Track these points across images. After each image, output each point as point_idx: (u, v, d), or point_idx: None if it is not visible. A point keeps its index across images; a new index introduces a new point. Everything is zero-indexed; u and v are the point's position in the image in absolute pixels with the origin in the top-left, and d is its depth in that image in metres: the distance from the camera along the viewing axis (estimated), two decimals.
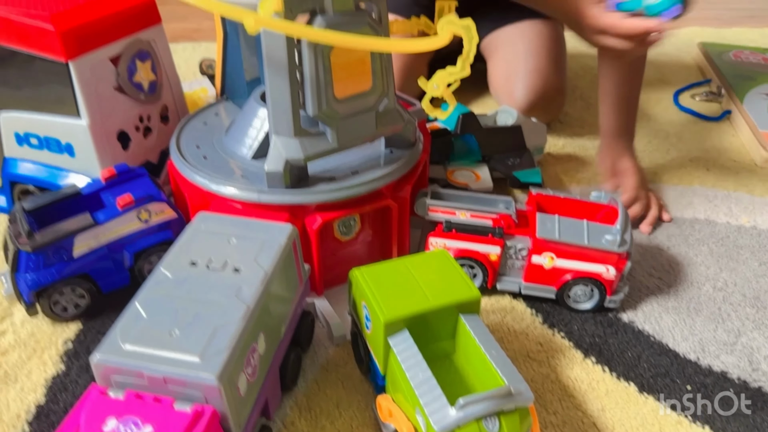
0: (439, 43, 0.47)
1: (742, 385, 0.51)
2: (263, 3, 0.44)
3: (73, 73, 0.57)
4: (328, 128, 0.52)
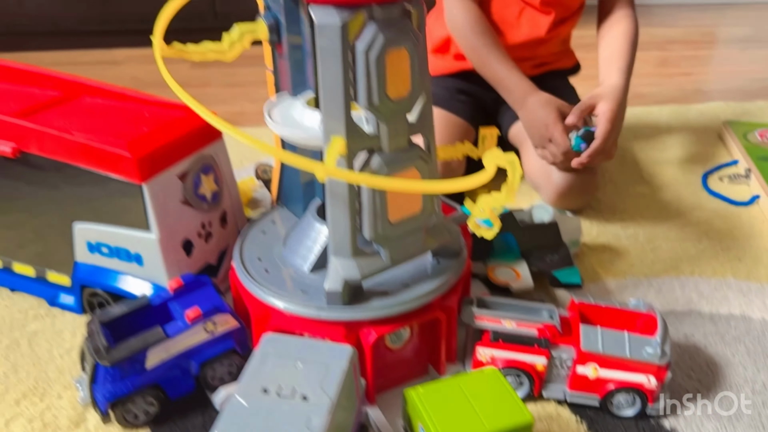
0: (485, 179, 0.52)
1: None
2: (329, 150, 0.49)
3: (146, 193, 0.62)
4: (382, 248, 0.56)
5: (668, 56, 1.80)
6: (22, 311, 0.74)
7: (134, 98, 0.75)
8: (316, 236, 0.62)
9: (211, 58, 0.58)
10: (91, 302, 0.71)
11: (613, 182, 1.04)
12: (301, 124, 0.56)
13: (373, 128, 0.52)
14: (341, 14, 0.46)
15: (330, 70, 0.48)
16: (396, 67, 0.49)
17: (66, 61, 1.72)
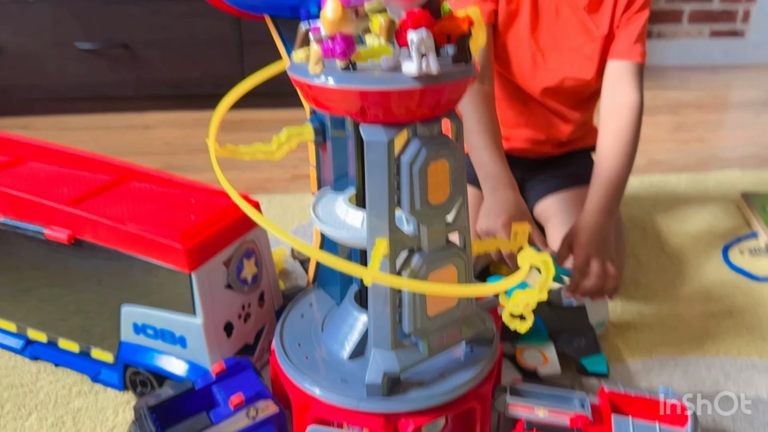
0: (519, 280, 0.54)
1: None
2: (374, 254, 0.52)
3: (194, 281, 0.65)
4: (421, 341, 0.59)
5: (682, 121, 1.85)
6: (66, 387, 0.76)
7: (180, 184, 0.79)
8: (354, 323, 0.65)
9: (260, 157, 0.62)
10: (133, 380, 0.74)
11: (635, 256, 1.07)
12: (345, 224, 0.60)
13: (414, 229, 0.56)
14: (388, 132, 0.51)
15: (377, 181, 0.52)
16: (437, 177, 0.53)
17: (101, 125, 1.80)
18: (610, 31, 0.92)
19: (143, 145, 1.65)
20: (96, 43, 1.79)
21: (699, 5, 2.50)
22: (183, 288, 0.66)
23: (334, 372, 0.62)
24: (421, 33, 0.46)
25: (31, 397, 0.75)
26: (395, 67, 0.50)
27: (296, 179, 1.42)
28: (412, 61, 0.47)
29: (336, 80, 0.48)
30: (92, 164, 0.85)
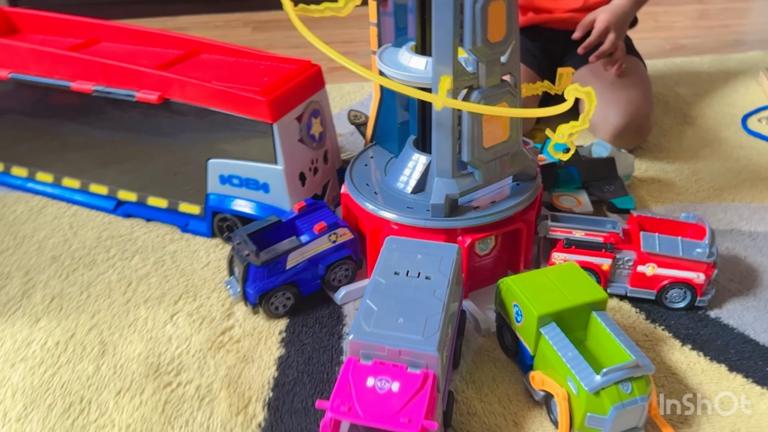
0: (566, 107, 0.63)
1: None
2: (441, 86, 0.61)
3: (275, 131, 0.75)
4: (476, 170, 0.68)
5: (707, 9, 1.86)
6: (159, 236, 0.88)
7: (247, 53, 0.88)
8: (415, 165, 0.75)
9: (328, 14, 0.69)
10: (220, 226, 0.85)
11: (659, 125, 1.14)
12: (410, 68, 0.68)
13: (473, 68, 0.64)
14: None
15: (442, 21, 0.60)
16: (495, 16, 0.61)
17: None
18: None
19: None
20: None
21: None
22: (266, 139, 0.76)
23: (400, 203, 0.72)
24: None
25: (130, 244, 0.87)
26: None
27: (332, 71, 1.48)
28: None
29: None
30: (162, 40, 0.94)
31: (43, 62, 0.86)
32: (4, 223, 0.92)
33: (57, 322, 0.73)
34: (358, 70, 0.62)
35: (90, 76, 0.83)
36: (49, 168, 0.96)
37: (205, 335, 0.71)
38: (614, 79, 1.01)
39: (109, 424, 0.61)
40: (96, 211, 0.94)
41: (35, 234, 0.89)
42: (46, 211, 0.95)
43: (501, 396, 0.62)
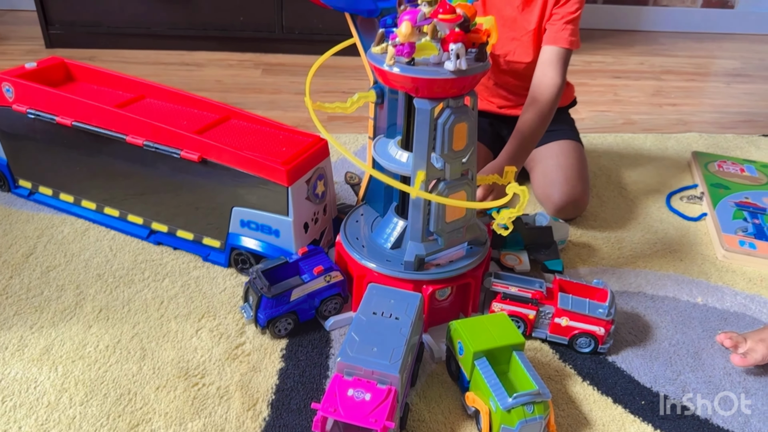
0: (505, 201, 0.86)
1: (673, 405, 0.87)
2: (417, 179, 0.83)
3: (290, 192, 0.97)
4: (440, 237, 0.91)
5: (662, 86, 2.13)
6: (185, 263, 1.09)
7: (269, 124, 1.10)
8: (395, 227, 0.97)
9: (338, 111, 0.91)
10: (236, 259, 1.07)
11: (599, 196, 1.38)
12: (396, 159, 0.91)
13: (441, 166, 0.86)
14: (431, 103, 0.81)
15: (421, 133, 0.82)
16: (459, 134, 0.83)
17: (157, 60, 2.07)
18: (540, 25, 1.19)
19: (198, 82, 1.92)
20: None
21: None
22: (281, 197, 0.97)
23: (381, 255, 0.94)
24: (458, 45, 0.75)
25: (161, 268, 1.08)
26: (439, 62, 0.79)
27: (331, 120, 1.71)
28: (450, 62, 0.76)
29: (401, 70, 0.78)
30: (198, 103, 1.15)
31: (104, 116, 1.07)
32: (54, 242, 1.12)
33: (105, 330, 0.94)
34: (352, 159, 0.84)
35: (141, 132, 1.04)
36: (93, 197, 1.17)
37: (223, 348, 0.92)
38: (556, 164, 1.25)
39: (151, 412, 0.81)
40: (131, 237, 1.15)
41: (82, 253, 1.10)
42: (89, 234, 1.15)
43: (444, 409, 0.84)
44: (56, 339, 0.91)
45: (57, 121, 1.10)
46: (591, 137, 1.64)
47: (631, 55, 2.42)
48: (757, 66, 2.40)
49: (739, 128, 1.81)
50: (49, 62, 1.22)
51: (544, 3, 1.17)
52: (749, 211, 1.30)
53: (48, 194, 1.21)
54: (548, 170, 1.26)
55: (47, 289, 1.01)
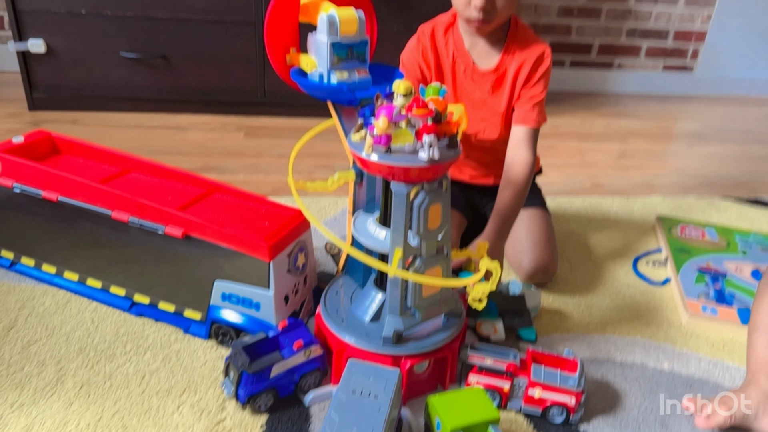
0: (478, 278, 0.90)
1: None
2: (394, 257, 0.87)
3: (271, 267, 1.00)
4: (417, 311, 0.94)
5: (627, 149, 2.23)
6: (166, 335, 1.11)
7: (252, 197, 1.14)
8: (373, 299, 1.00)
9: (319, 190, 0.96)
10: (216, 332, 1.08)
11: (569, 260, 1.44)
12: (373, 236, 0.95)
13: (417, 243, 0.91)
14: (407, 187, 0.86)
15: (398, 215, 0.87)
16: (434, 214, 0.88)
17: (140, 124, 2.11)
18: (509, 106, 1.28)
19: (180, 145, 1.96)
20: (138, 53, 2.09)
21: (655, 42, 2.89)
22: (262, 271, 1.01)
23: (360, 329, 0.97)
24: (431, 136, 0.81)
25: (143, 340, 1.09)
26: (413, 151, 0.84)
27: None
28: (424, 151, 0.82)
29: (379, 158, 0.83)
30: (183, 178, 1.19)
31: (89, 192, 1.09)
32: (35, 314, 1.13)
33: (86, 407, 0.94)
34: (331, 237, 0.88)
35: (126, 208, 1.07)
36: (76, 267, 1.18)
37: (204, 424, 0.93)
38: (525, 232, 1.30)
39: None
40: (113, 308, 1.16)
41: (63, 326, 1.11)
42: (71, 305, 1.16)
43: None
44: (37, 417, 0.91)
45: (43, 196, 1.12)
46: (560, 201, 1.71)
47: (598, 117, 2.54)
48: (716, 128, 2.53)
49: (700, 191, 1.91)
50: (36, 136, 1.25)
51: (512, 86, 1.25)
52: (710, 275, 1.37)
53: (30, 265, 1.22)
54: (518, 238, 1.31)
55: (28, 365, 1.01)
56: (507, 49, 1.25)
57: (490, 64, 1.26)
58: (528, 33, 1.27)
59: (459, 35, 1.26)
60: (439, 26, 1.27)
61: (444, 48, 1.27)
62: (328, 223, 1.50)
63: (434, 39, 1.27)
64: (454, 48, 1.26)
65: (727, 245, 1.51)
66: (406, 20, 2.11)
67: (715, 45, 2.91)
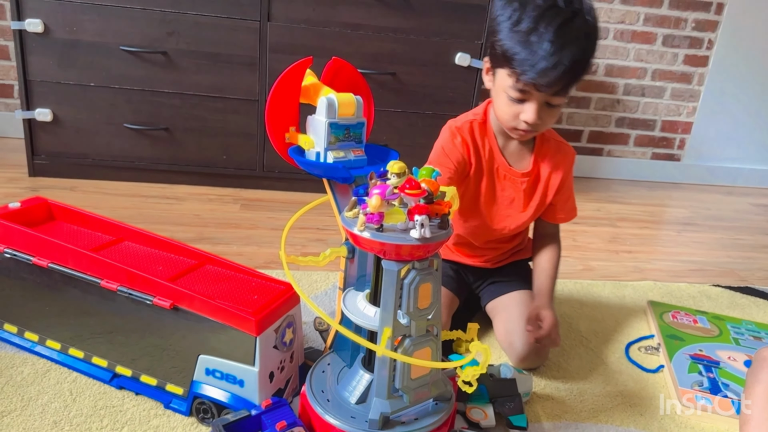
0: (468, 360, 0.89)
1: None
2: (383, 337, 0.86)
3: (257, 342, 0.98)
4: (405, 394, 0.92)
5: (618, 233, 2.26)
6: (146, 410, 1.07)
7: (243, 270, 1.13)
8: (360, 379, 0.98)
9: (311, 264, 0.96)
10: (198, 408, 1.05)
11: (561, 345, 1.42)
12: (363, 314, 0.94)
13: (407, 322, 0.90)
14: (398, 265, 0.86)
15: (388, 293, 0.87)
16: (424, 293, 0.88)
17: (137, 193, 2.13)
18: (540, 207, 1.34)
19: (176, 215, 1.98)
20: (142, 125, 2.15)
21: (643, 132, 2.99)
22: (248, 346, 0.99)
23: (345, 411, 0.95)
24: (423, 216, 0.82)
25: (121, 415, 1.05)
26: (405, 229, 0.86)
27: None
28: (416, 230, 0.83)
29: (371, 235, 0.84)
30: (174, 249, 1.19)
31: (79, 259, 1.09)
32: (12, 384, 1.10)
33: None
34: (320, 312, 0.88)
35: (115, 277, 1.07)
36: (58, 336, 1.16)
37: None
38: (518, 314, 1.30)
39: None
40: (94, 379, 1.12)
41: (39, 397, 1.07)
42: (50, 375, 1.13)
43: None
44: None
45: (33, 262, 1.12)
46: None
47: (589, 201, 2.58)
48: (705, 216, 2.58)
49: (691, 277, 1.92)
50: (32, 202, 1.26)
51: (545, 189, 1.32)
52: (704, 364, 1.35)
53: (13, 332, 1.20)
54: (510, 319, 1.30)
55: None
56: (538, 151, 1.31)
57: (523, 165, 1.31)
58: (553, 134, 1.34)
59: (492, 134, 1.29)
60: (475, 124, 1.28)
61: (481, 146, 1.28)
62: (319, 297, 1.49)
63: (473, 136, 1.27)
64: (490, 147, 1.28)
65: (719, 333, 1.50)
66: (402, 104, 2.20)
67: (700, 136, 3.02)
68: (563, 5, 1.08)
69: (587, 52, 1.12)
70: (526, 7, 1.09)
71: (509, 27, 1.10)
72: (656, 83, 2.90)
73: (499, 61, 1.15)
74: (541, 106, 1.15)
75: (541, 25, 1.07)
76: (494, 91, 1.22)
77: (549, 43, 1.06)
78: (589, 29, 1.11)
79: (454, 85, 2.21)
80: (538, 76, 1.09)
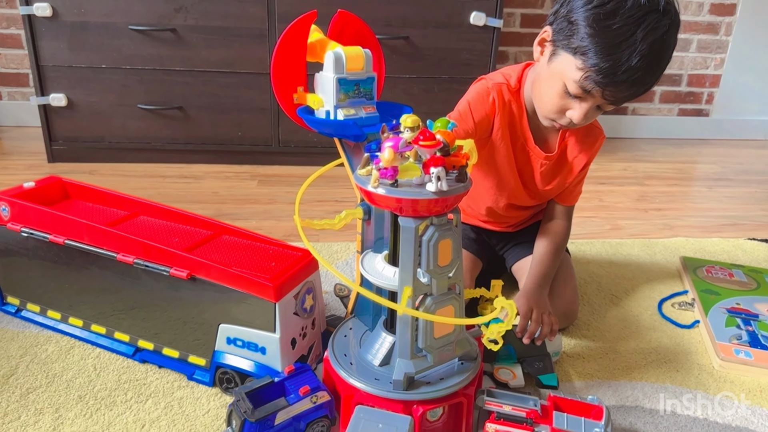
0: (494, 316, 0.86)
1: None
2: (403, 296, 0.83)
3: (277, 309, 0.96)
4: (429, 354, 0.89)
5: (646, 191, 2.19)
6: (169, 382, 1.06)
7: (259, 239, 1.11)
8: (383, 342, 0.96)
9: (326, 228, 0.93)
10: (221, 378, 1.04)
11: (590, 304, 1.38)
12: (383, 275, 0.91)
13: (428, 281, 0.87)
14: (415, 221, 0.83)
15: (407, 251, 0.84)
16: (444, 249, 0.85)
17: (156, 173, 2.13)
18: (559, 186, 1.27)
19: (194, 193, 1.97)
20: (155, 105, 2.13)
21: (669, 87, 2.88)
22: (268, 313, 0.97)
23: (369, 374, 0.92)
24: (438, 168, 0.79)
25: (145, 388, 1.05)
26: (421, 183, 0.82)
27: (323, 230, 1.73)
28: (432, 183, 0.79)
29: (386, 191, 0.81)
30: (190, 220, 1.18)
31: (95, 234, 1.08)
32: (37, 361, 1.10)
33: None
34: (340, 276, 0.85)
35: (131, 250, 1.06)
36: (80, 313, 1.16)
37: None
38: None
39: None
40: (117, 354, 1.12)
41: (64, 373, 1.07)
42: (74, 352, 1.13)
43: None
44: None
45: (50, 239, 1.11)
46: (579, 243, 1.66)
47: (615, 161, 2.51)
48: (737, 170, 2.49)
49: (725, 232, 1.85)
50: (46, 181, 1.26)
51: (568, 171, 1.25)
52: (742, 317, 1.30)
53: (35, 311, 1.20)
54: None
55: (24, 413, 0.97)
56: (567, 132, 1.21)
57: (548, 145, 1.23)
58: None
59: (524, 106, 1.18)
60: (505, 89, 1.16)
61: (510, 114, 1.17)
62: (340, 266, 1.47)
63: (504, 100, 1.16)
64: (520, 118, 1.18)
65: (758, 286, 1.44)
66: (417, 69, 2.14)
67: (729, 89, 2.90)
68: (662, 11, 0.94)
69: (665, 68, 1.00)
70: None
71: (594, 12, 0.95)
72: (681, 35, 2.78)
73: (570, 47, 0.99)
74: (592, 108, 1.04)
75: (639, 33, 0.92)
76: (547, 72, 1.06)
77: (641, 58, 0.93)
78: (674, 43, 0.99)
79: (470, 46, 2.14)
80: (615, 88, 0.97)
